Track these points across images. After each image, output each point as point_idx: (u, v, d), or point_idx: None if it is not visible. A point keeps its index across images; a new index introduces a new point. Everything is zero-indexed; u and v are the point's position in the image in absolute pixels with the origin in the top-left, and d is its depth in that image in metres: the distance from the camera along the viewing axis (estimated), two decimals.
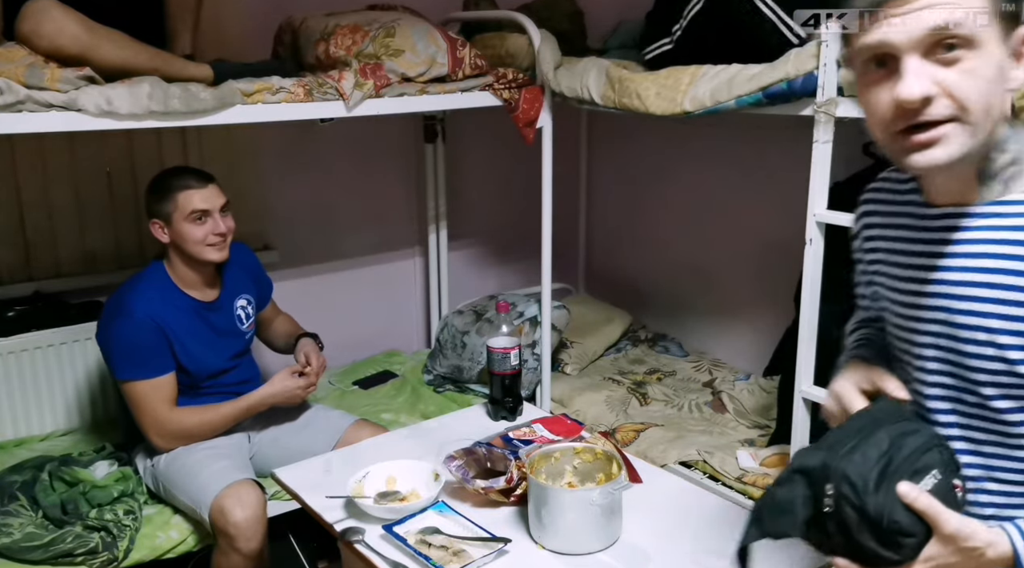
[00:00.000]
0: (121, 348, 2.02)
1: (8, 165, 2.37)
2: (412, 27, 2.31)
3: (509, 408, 1.92)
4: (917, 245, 1.05)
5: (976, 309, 0.97)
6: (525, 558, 1.40)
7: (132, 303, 2.02)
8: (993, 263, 0.96)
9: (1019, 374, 0.95)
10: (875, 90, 0.92)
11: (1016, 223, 0.95)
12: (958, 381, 1.01)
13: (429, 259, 3.17)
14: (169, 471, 2.06)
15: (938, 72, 0.88)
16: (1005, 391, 0.97)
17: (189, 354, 2.08)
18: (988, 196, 0.97)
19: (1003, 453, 1.00)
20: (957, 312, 0.99)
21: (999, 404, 0.98)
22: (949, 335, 1.01)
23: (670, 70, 2.17)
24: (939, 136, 0.89)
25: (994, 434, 1.00)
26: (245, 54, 2.36)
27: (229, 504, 1.91)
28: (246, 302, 2.26)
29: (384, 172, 3.05)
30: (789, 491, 0.96)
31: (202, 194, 2.04)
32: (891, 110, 0.90)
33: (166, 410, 2.04)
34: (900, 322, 1.09)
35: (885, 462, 0.92)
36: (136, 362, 2.01)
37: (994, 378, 0.97)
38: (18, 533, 1.91)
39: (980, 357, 0.98)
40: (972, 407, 1.01)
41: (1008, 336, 0.95)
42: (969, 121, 0.89)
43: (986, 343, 0.97)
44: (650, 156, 3.22)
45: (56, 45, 1.79)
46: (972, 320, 0.98)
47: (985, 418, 1.00)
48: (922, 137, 0.89)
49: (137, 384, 2.02)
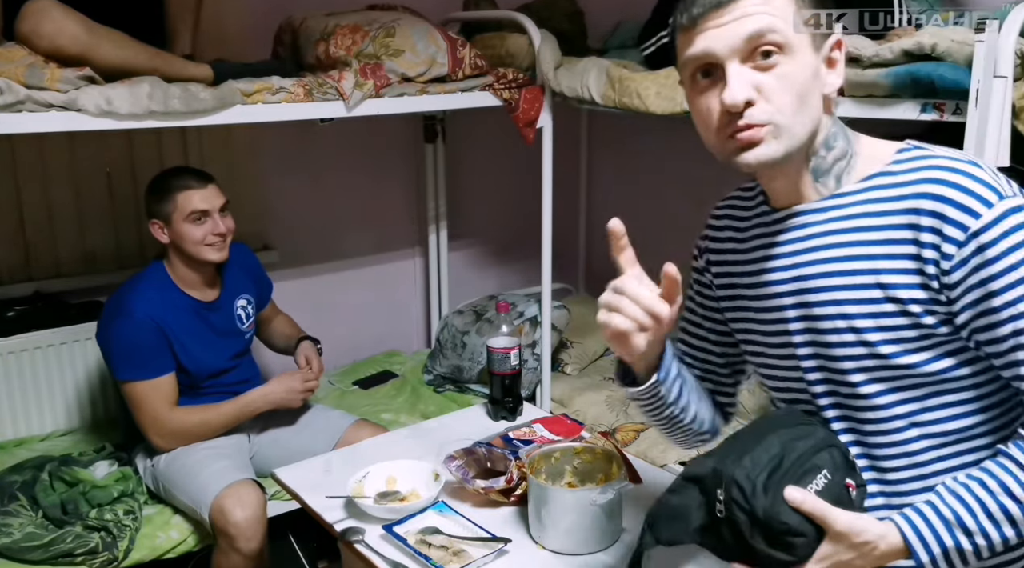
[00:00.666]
0: (121, 348, 2.02)
1: (8, 165, 2.37)
2: (412, 27, 2.31)
3: (509, 408, 1.92)
4: (767, 249, 1.08)
5: (832, 298, 1.01)
6: (525, 558, 1.39)
7: (132, 303, 2.02)
8: (839, 252, 1.00)
9: (880, 355, 0.98)
10: (703, 98, 0.98)
11: (854, 211, 1.00)
12: (830, 373, 1.04)
13: (429, 259, 3.17)
14: (169, 471, 2.06)
15: (756, 77, 0.94)
16: (871, 375, 1.00)
17: (189, 354, 2.08)
18: (825, 192, 1.03)
19: (884, 441, 1.02)
20: (815, 304, 1.02)
21: (867, 389, 1.00)
22: (814, 329, 1.03)
23: (670, 70, 2.17)
24: (759, 138, 0.95)
25: (872, 423, 1.02)
26: (245, 54, 2.36)
27: (229, 504, 1.91)
28: (246, 302, 2.26)
29: (384, 172, 3.05)
30: (682, 498, 0.98)
31: (201, 194, 2.04)
32: (718, 115, 0.96)
33: (166, 410, 2.04)
34: (762, 328, 1.11)
35: (774, 465, 0.94)
36: (136, 362, 2.01)
37: (858, 363, 1.00)
38: (18, 533, 1.91)
39: (842, 344, 1.01)
40: (847, 398, 1.03)
41: (864, 319, 0.98)
42: (786, 124, 0.95)
43: (846, 330, 1.00)
44: (650, 156, 3.21)
45: (56, 45, 1.79)
46: (830, 310, 1.01)
47: (860, 407, 1.02)
48: (746, 135, 0.95)
49: (137, 384, 2.02)
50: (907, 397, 0.99)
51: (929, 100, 1.66)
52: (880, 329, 0.98)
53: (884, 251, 0.97)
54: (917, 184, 0.96)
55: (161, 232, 2.06)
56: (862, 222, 0.99)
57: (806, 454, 0.96)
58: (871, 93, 1.76)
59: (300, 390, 2.16)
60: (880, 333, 0.98)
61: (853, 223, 1.00)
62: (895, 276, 0.96)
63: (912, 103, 1.67)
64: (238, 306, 2.23)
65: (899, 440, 1.01)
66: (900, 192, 0.97)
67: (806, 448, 0.97)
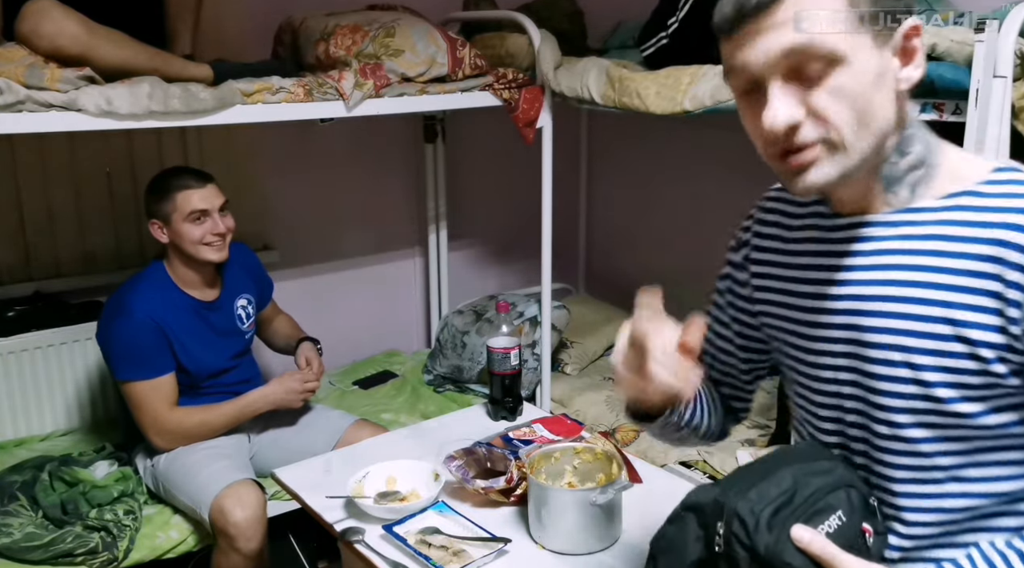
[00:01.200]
0: (121, 348, 2.02)
1: (8, 165, 2.37)
2: (412, 27, 2.31)
3: (509, 408, 1.92)
4: (822, 258, 0.96)
5: (890, 326, 0.89)
6: (525, 558, 1.39)
7: (132, 303, 2.02)
8: (907, 275, 0.88)
9: (936, 398, 0.86)
10: (749, 111, 0.88)
11: (929, 231, 0.87)
12: (871, 407, 0.92)
13: (429, 259, 3.17)
14: (169, 471, 2.06)
15: (804, 94, 0.82)
16: (919, 418, 0.88)
17: (189, 354, 2.08)
18: (895, 203, 0.90)
19: (916, 492, 0.91)
20: (868, 330, 0.91)
21: (911, 433, 0.89)
22: (859, 355, 0.92)
23: (670, 70, 2.17)
24: (810, 160, 0.84)
25: (906, 469, 0.91)
26: (245, 54, 2.36)
27: (229, 504, 1.91)
28: (246, 302, 2.26)
29: (384, 172, 3.05)
30: (680, 529, 0.91)
31: (200, 194, 2.04)
32: (763, 134, 0.85)
33: (166, 410, 2.04)
34: (804, 344, 0.99)
35: (783, 501, 0.85)
36: (136, 362, 2.01)
37: (908, 403, 0.89)
38: (18, 533, 1.91)
39: (893, 379, 0.89)
40: (884, 438, 0.92)
41: (924, 356, 0.86)
42: (843, 141, 0.83)
43: (901, 364, 0.88)
44: (650, 156, 3.21)
45: (56, 45, 1.79)
46: (886, 338, 0.89)
47: (897, 451, 0.91)
48: (794, 162, 0.85)
49: (137, 384, 2.02)
50: (955, 449, 0.88)
51: (929, 100, 1.66)
52: (941, 370, 0.86)
53: (960, 283, 0.84)
54: (1010, 213, 0.83)
55: (160, 232, 2.06)
56: (938, 245, 0.86)
57: (820, 492, 0.88)
58: None
59: (300, 391, 2.16)
60: (940, 374, 0.86)
61: (927, 245, 0.87)
62: (969, 313, 0.84)
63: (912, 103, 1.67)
64: (238, 306, 2.23)
65: (934, 492, 0.90)
66: (988, 218, 0.84)
67: (821, 485, 0.88)
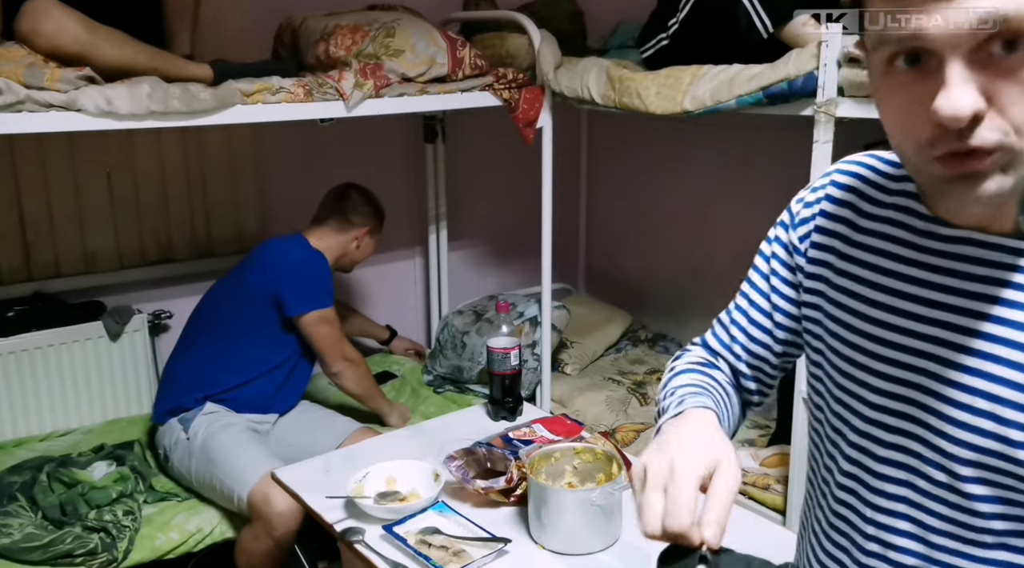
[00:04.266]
0: (306, 278, 2.22)
1: (8, 165, 2.37)
2: (412, 27, 2.31)
3: (509, 408, 1.92)
4: (912, 269, 0.81)
5: (982, 368, 0.76)
6: (525, 558, 1.39)
7: (306, 245, 2.27)
8: (1017, 315, 0.74)
9: (1016, 460, 0.75)
10: (903, 93, 0.68)
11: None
12: (927, 449, 0.80)
13: (429, 259, 3.17)
14: (208, 446, 2.10)
15: (989, 82, 0.64)
16: (987, 475, 0.77)
17: None
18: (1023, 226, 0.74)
19: (956, 548, 0.80)
20: (955, 367, 0.78)
21: (972, 488, 0.78)
22: (935, 393, 0.79)
23: (670, 70, 2.17)
24: (985, 166, 0.66)
25: (952, 524, 0.80)
26: (245, 54, 2.36)
27: (274, 492, 1.93)
28: None
29: (384, 172, 3.05)
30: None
31: None
32: (928, 127, 0.66)
33: (347, 342, 2.29)
34: (861, 360, 0.84)
35: None
36: (321, 291, 2.23)
37: (979, 457, 0.77)
38: (17, 534, 1.91)
39: (970, 428, 0.77)
40: (935, 486, 0.80)
41: (1016, 411, 0.74)
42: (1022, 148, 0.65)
43: (986, 414, 0.76)
44: (650, 156, 3.21)
45: (56, 44, 1.79)
46: (972, 381, 0.76)
47: (947, 502, 0.80)
48: (965, 167, 0.66)
49: (324, 312, 2.22)
50: (1013, 513, 0.77)
51: None
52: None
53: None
54: None
55: (362, 237, 2.39)
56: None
57: None
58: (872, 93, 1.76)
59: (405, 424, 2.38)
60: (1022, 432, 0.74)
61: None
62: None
63: None
64: None
65: (979, 556, 0.79)
66: None
67: None
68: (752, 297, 0.99)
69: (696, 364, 1.02)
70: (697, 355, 1.05)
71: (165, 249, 2.64)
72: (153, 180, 2.57)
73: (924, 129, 0.66)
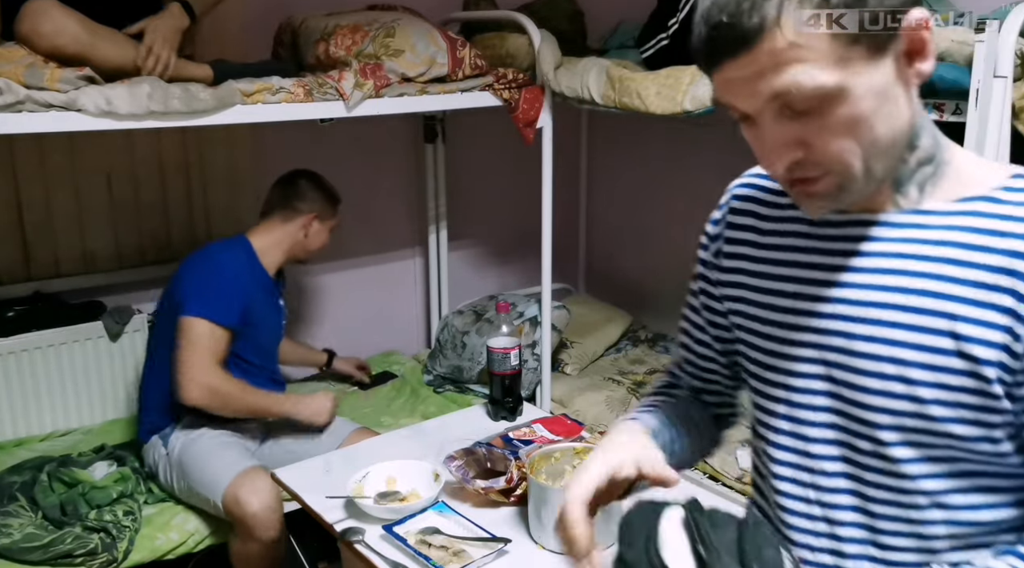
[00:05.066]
0: (202, 283, 2.09)
1: (8, 165, 2.37)
2: (412, 27, 2.31)
3: (509, 408, 1.92)
4: (812, 256, 0.88)
5: (884, 335, 0.82)
6: (525, 558, 1.39)
7: (223, 252, 2.16)
8: (911, 282, 0.81)
9: (929, 417, 0.80)
10: (749, 137, 0.81)
11: (940, 236, 0.81)
12: (854, 423, 0.85)
13: (429, 259, 3.17)
14: (184, 458, 2.08)
15: (801, 130, 0.76)
16: (908, 437, 0.82)
17: (259, 319, 2.19)
18: (904, 204, 0.83)
19: (895, 515, 0.84)
20: (860, 338, 0.83)
21: (897, 452, 0.82)
22: (846, 366, 0.84)
23: (670, 70, 2.17)
24: (819, 190, 0.79)
25: (887, 491, 0.84)
26: (245, 54, 2.36)
27: (244, 493, 1.93)
28: (283, 302, 2.39)
29: (384, 172, 3.05)
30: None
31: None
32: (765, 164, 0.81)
33: (212, 362, 2.06)
34: (777, 349, 0.91)
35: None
36: (211, 300, 2.07)
37: (898, 420, 0.81)
38: (18, 534, 1.91)
39: (884, 394, 0.82)
40: (866, 456, 0.85)
41: (922, 371, 0.79)
42: (850, 172, 0.77)
43: (894, 377, 0.81)
44: (650, 156, 3.21)
45: (56, 44, 1.79)
46: (880, 349, 0.82)
47: (879, 470, 0.84)
48: (803, 190, 0.80)
49: (201, 322, 2.05)
50: (942, 471, 0.82)
51: (929, 100, 1.66)
52: (938, 386, 0.79)
53: (969, 294, 0.78)
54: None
55: (309, 224, 2.25)
56: (948, 252, 0.79)
57: None
58: None
59: (329, 414, 2.21)
60: (937, 391, 0.79)
61: (937, 251, 0.80)
62: (977, 328, 0.77)
63: None
64: (281, 301, 2.37)
65: (915, 519, 0.84)
66: (1005, 227, 0.78)
67: None
68: (691, 317, 1.07)
69: (660, 387, 1.12)
70: (664, 379, 1.14)
71: (165, 249, 2.63)
72: (153, 180, 2.57)
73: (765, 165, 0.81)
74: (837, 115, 0.74)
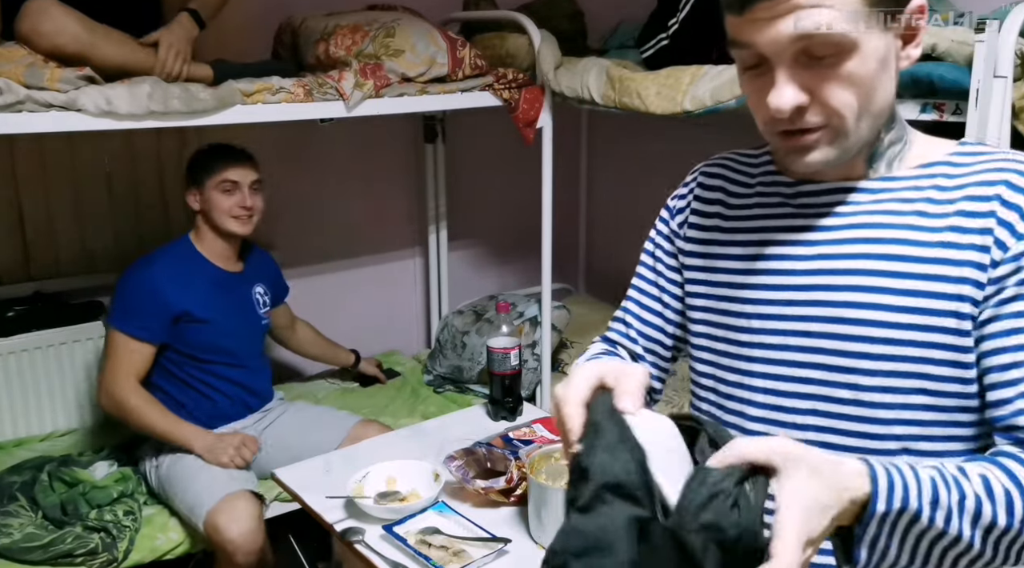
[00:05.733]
0: (124, 296, 2.07)
1: (8, 165, 2.37)
2: (412, 27, 2.31)
3: (509, 408, 1.92)
4: (788, 220, 0.96)
5: (864, 283, 0.89)
6: (525, 558, 1.39)
7: (152, 264, 2.10)
8: (887, 233, 0.89)
9: (907, 358, 0.86)
10: (752, 86, 0.88)
11: (910, 195, 0.90)
12: (829, 373, 0.90)
13: (429, 259, 3.17)
14: (170, 474, 2.07)
15: (810, 78, 0.83)
16: (885, 382, 0.88)
17: (205, 314, 2.12)
18: (873, 175, 0.92)
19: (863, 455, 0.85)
20: (840, 288, 0.90)
21: (874, 397, 0.88)
22: (827, 317, 0.90)
23: (671, 70, 2.17)
24: (812, 142, 0.86)
25: (859, 438, 0.90)
26: (245, 54, 2.36)
27: (223, 521, 1.91)
28: (263, 291, 2.33)
29: (384, 172, 3.05)
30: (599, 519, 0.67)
31: (236, 168, 2.14)
32: (767, 112, 0.85)
33: (125, 376, 2.04)
34: (749, 310, 0.96)
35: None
36: (130, 314, 2.06)
37: (875, 364, 0.88)
38: (18, 534, 1.91)
39: (863, 339, 0.88)
40: (840, 404, 0.90)
41: (900, 313, 0.86)
42: (844, 127, 0.85)
43: (874, 323, 0.88)
44: (650, 156, 3.21)
45: (56, 44, 1.79)
46: (858, 296, 0.89)
47: (854, 417, 0.90)
48: (796, 142, 0.86)
49: (119, 335, 2.05)
50: (912, 418, 0.88)
51: (929, 100, 1.65)
52: (917, 328, 0.85)
53: (942, 239, 0.86)
54: (986, 173, 0.87)
55: (194, 200, 2.15)
56: (919, 206, 0.89)
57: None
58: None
59: (230, 457, 2.08)
60: (915, 332, 0.86)
61: (908, 206, 0.89)
62: (951, 268, 0.85)
63: (912, 103, 1.67)
64: (256, 291, 2.30)
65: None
66: (964, 181, 0.88)
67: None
68: (642, 287, 1.13)
69: (596, 354, 1.15)
70: (598, 348, 1.17)
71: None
72: (153, 180, 2.57)
73: (766, 113, 0.86)
74: (847, 68, 0.82)
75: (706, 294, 1.02)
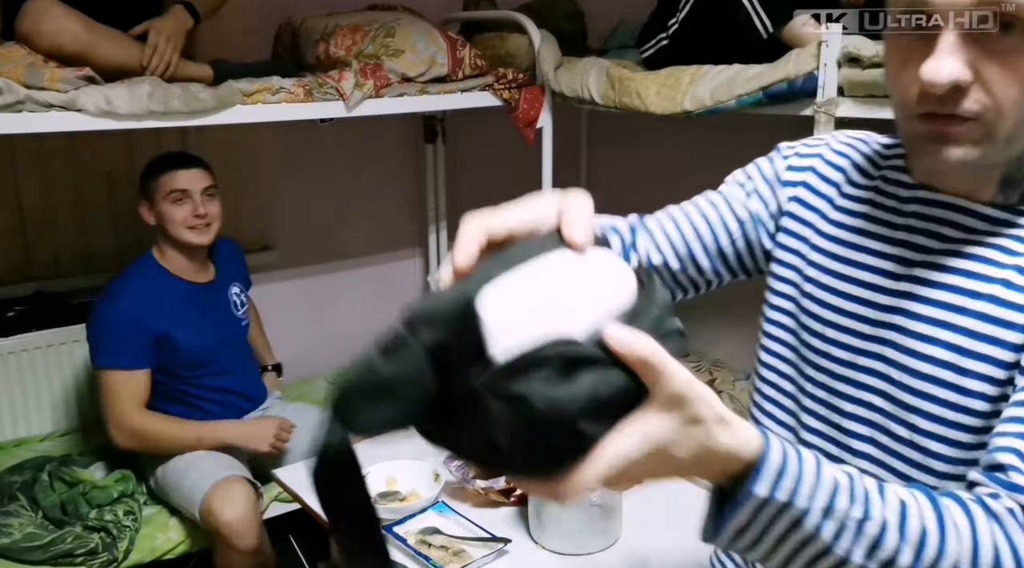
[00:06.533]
0: (102, 334, 2.01)
1: (8, 165, 2.37)
2: (412, 27, 2.31)
3: None
4: (892, 231, 0.84)
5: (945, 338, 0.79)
6: (525, 558, 1.39)
7: (118, 291, 2.02)
8: (982, 287, 0.77)
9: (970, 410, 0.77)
10: (902, 53, 0.73)
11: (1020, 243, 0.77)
12: (891, 404, 0.82)
13: (429, 259, 3.17)
14: (166, 471, 2.07)
15: (979, 56, 0.68)
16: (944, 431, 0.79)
17: (183, 333, 2.06)
18: (1001, 201, 0.78)
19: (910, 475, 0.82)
20: (920, 323, 0.80)
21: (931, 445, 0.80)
22: (901, 346, 0.81)
23: (670, 70, 2.17)
24: (956, 134, 0.70)
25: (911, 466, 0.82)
26: (245, 54, 2.36)
27: (217, 504, 1.91)
28: (239, 290, 2.29)
29: (384, 172, 3.05)
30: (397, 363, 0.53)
31: (183, 175, 2.04)
32: (916, 87, 0.71)
33: (132, 407, 2.01)
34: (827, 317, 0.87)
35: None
36: (113, 349, 2.00)
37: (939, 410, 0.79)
38: (18, 533, 1.91)
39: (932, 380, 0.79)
40: (896, 442, 0.82)
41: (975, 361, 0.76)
42: (998, 127, 0.70)
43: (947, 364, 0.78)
44: (650, 156, 3.21)
45: (56, 44, 1.79)
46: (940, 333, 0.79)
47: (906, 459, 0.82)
48: (941, 128, 0.71)
49: (111, 373, 2.00)
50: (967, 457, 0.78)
51: None
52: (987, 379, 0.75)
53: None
54: None
55: (148, 213, 2.07)
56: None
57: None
58: (871, 93, 1.76)
59: (271, 440, 2.10)
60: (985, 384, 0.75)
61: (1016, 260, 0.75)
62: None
63: None
64: (232, 292, 2.26)
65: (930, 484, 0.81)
66: None
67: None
68: (704, 209, 0.96)
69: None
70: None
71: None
72: None
73: (912, 87, 0.71)
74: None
75: (791, 280, 0.91)
